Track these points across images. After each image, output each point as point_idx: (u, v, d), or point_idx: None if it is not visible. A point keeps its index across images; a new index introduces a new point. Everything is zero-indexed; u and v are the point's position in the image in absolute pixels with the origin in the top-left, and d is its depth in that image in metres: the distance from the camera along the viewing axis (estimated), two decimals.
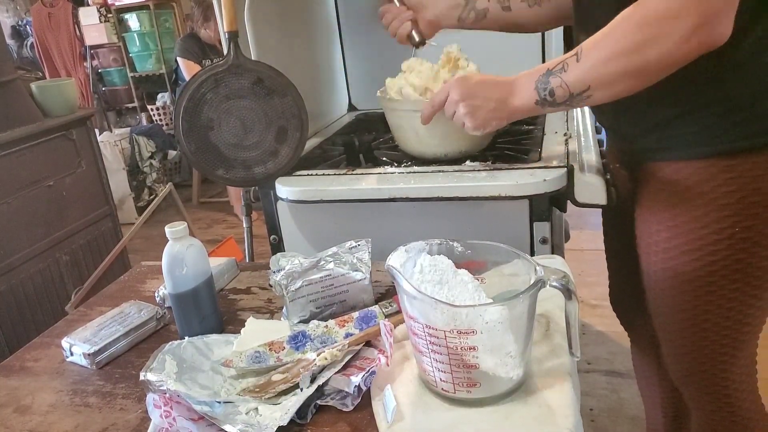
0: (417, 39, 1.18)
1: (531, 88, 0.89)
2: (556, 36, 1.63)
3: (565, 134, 1.33)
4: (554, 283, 0.68)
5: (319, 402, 0.77)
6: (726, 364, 0.93)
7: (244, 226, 1.56)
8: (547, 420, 0.67)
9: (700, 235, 0.85)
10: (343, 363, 0.80)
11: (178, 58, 3.67)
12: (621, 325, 1.29)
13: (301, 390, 0.77)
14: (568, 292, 0.70)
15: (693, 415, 1.04)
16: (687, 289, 0.89)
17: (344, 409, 0.75)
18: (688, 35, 0.72)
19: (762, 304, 0.89)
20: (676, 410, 1.22)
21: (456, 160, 1.22)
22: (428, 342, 0.69)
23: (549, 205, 1.15)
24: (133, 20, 4.94)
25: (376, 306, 0.94)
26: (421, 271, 0.74)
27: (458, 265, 0.76)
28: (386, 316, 0.92)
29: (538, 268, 0.69)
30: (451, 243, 0.78)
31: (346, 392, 0.76)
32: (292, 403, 0.74)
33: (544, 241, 1.17)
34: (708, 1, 0.70)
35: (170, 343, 0.87)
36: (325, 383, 0.78)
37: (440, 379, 0.71)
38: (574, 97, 0.84)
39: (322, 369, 0.80)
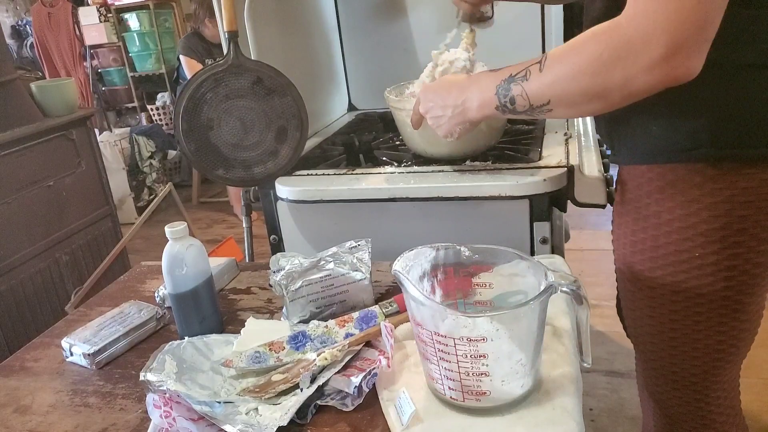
0: (464, 19, 1.14)
1: (491, 93, 0.86)
2: (556, 33, 1.63)
3: (565, 134, 1.33)
4: (565, 289, 0.67)
5: (319, 402, 0.76)
6: (705, 388, 0.89)
7: (244, 226, 1.56)
8: (553, 425, 0.67)
9: (665, 261, 0.83)
10: (343, 363, 0.80)
11: (181, 56, 3.67)
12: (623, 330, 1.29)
13: (301, 390, 0.77)
14: (579, 298, 0.68)
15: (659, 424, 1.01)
16: (654, 302, 0.87)
17: (344, 409, 0.75)
18: (653, 65, 0.67)
19: (745, 332, 0.85)
20: (665, 424, 1.20)
21: (458, 160, 1.22)
22: (436, 350, 0.68)
23: (549, 205, 1.15)
24: (133, 20, 4.94)
25: (376, 306, 0.94)
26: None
27: (465, 269, 0.76)
28: (386, 317, 0.91)
29: (548, 273, 0.67)
30: (458, 247, 0.76)
31: (346, 392, 0.76)
32: (292, 404, 0.74)
33: (544, 241, 1.17)
34: (679, 33, 0.65)
35: (170, 343, 0.87)
36: (325, 383, 0.78)
37: (449, 387, 0.70)
38: (534, 109, 0.81)
39: (322, 369, 0.80)
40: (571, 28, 1.28)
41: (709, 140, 0.76)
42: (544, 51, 1.66)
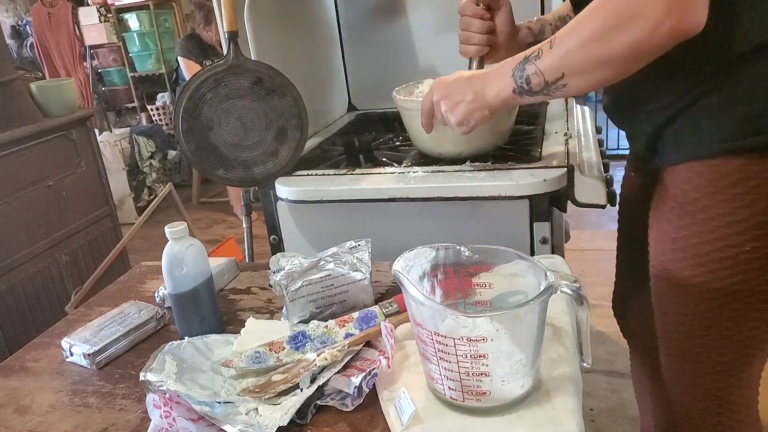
0: (478, 66, 1.15)
1: (508, 76, 0.87)
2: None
3: (565, 134, 1.33)
4: (565, 289, 0.67)
5: (319, 402, 0.76)
6: (724, 383, 0.89)
7: (244, 226, 1.56)
8: (553, 425, 0.67)
9: (709, 257, 0.82)
10: (343, 363, 0.80)
11: (179, 58, 3.68)
12: (620, 330, 1.29)
13: (301, 390, 0.77)
14: (579, 298, 0.68)
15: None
16: (693, 308, 0.86)
17: (344, 410, 0.75)
18: (659, 21, 0.69)
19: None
20: (668, 423, 1.20)
21: (459, 160, 1.22)
22: (436, 350, 0.68)
23: (549, 205, 1.15)
24: (132, 20, 4.94)
25: (376, 306, 0.94)
26: None
27: (465, 270, 0.75)
28: (386, 317, 0.91)
29: (548, 273, 0.67)
30: (458, 248, 0.76)
31: (346, 392, 0.76)
32: (292, 404, 0.74)
33: (544, 241, 1.17)
34: None
35: (170, 343, 0.87)
36: (325, 383, 0.78)
37: (449, 387, 0.70)
38: (550, 86, 0.82)
39: (322, 369, 0.80)
40: None
41: (762, 126, 0.75)
42: None
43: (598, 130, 1.54)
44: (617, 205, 1.15)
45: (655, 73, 0.79)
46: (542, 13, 1.65)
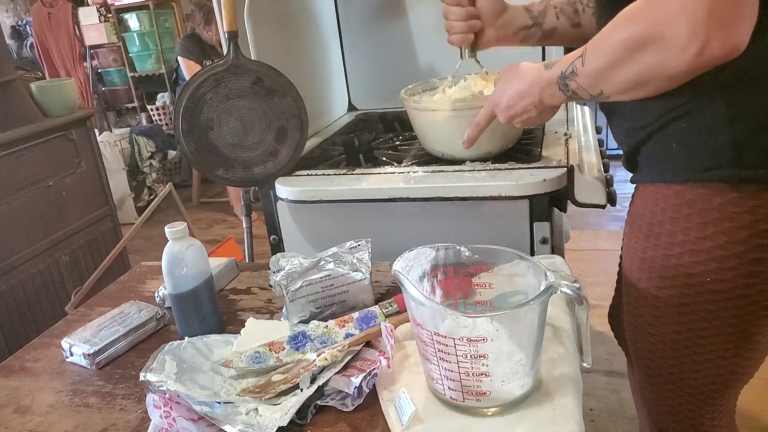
0: (470, 55, 1.13)
1: (557, 90, 0.84)
2: None
3: (565, 134, 1.33)
4: (565, 289, 0.66)
5: (319, 402, 0.76)
6: (696, 400, 0.87)
7: (244, 226, 1.56)
8: (553, 425, 0.67)
9: (675, 281, 0.80)
10: (343, 363, 0.80)
11: (179, 58, 3.69)
12: (614, 338, 1.28)
13: (301, 390, 0.77)
14: (579, 298, 0.68)
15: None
16: (658, 319, 0.85)
17: (344, 410, 0.75)
18: (683, 45, 0.62)
19: (750, 362, 0.83)
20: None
21: (460, 160, 1.22)
22: (436, 350, 0.68)
23: (549, 205, 1.15)
24: (132, 20, 4.94)
25: (376, 306, 0.94)
26: None
27: (465, 270, 0.75)
28: (386, 317, 0.91)
29: (548, 273, 0.67)
30: (458, 248, 0.75)
31: (346, 393, 0.76)
32: (292, 404, 0.74)
33: (544, 241, 1.17)
34: (706, 6, 0.60)
35: (170, 343, 0.87)
36: (325, 384, 0.78)
37: (449, 387, 0.70)
38: (597, 97, 0.78)
39: (322, 369, 0.80)
40: None
41: (731, 160, 0.73)
42: (544, 55, 1.66)
43: (598, 130, 1.54)
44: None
45: None
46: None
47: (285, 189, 1.23)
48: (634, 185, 0.88)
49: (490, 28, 1.08)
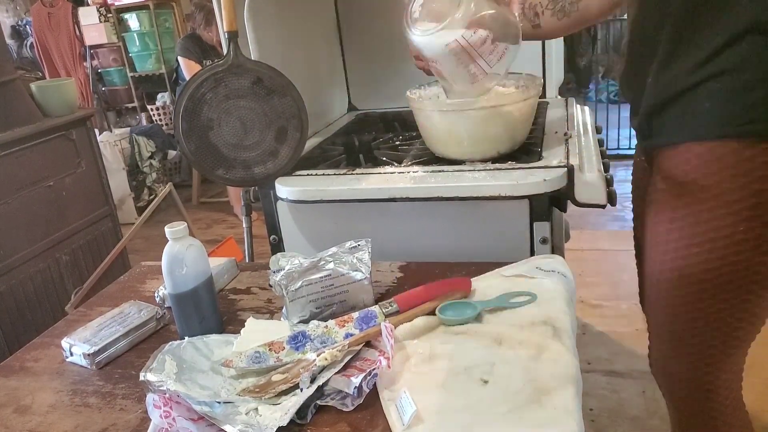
0: None
1: None
2: (555, 43, 1.63)
3: (565, 134, 1.33)
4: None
5: (319, 402, 0.76)
6: (712, 367, 0.91)
7: (244, 226, 1.56)
8: (552, 424, 0.67)
9: (704, 237, 0.83)
10: (343, 363, 0.80)
11: (179, 57, 3.69)
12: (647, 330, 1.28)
13: (301, 390, 0.77)
14: None
15: (671, 416, 1.02)
16: (686, 289, 0.88)
17: (344, 410, 0.75)
18: None
19: (757, 316, 0.87)
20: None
21: (460, 160, 1.22)
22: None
23: (549, 205, 1.15)
24: (132, 20, 4.94)
25: (376, 306, 0.94)
26: None
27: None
28: (386, 317, 0.91)
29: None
30: None
31: (346, 392, 0.76)
32: (292, 404, 0.74)
33: (544, 241, 1.17)
34: None
35: (170, 343, 0.87)
36: (325, 383, 0.78)
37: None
38: None
39: (322, 369, 0.80)
40: (570, 36, 1.29)
41: (760, 115, 0.76)
42: (544, 47, 1.66)
43: (598, 130, 1.54)
44: (631, 199, 1.15)
45: (670, 37, 0.80)
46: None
47: (285, 189, 1.23)
48: (656, 149, 0.90)
49: None
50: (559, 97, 1.74)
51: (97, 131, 3.47)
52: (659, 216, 0.90)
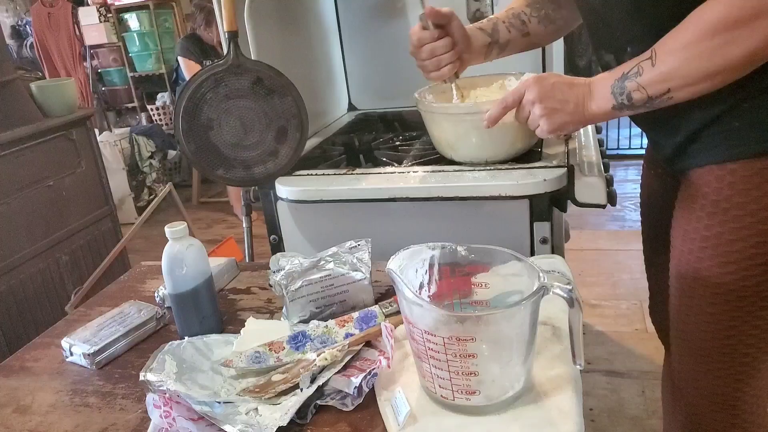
0: (452, 81, 1.15)
1: (607, 93, 0.85)
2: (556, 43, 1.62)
3: (565, 134, 1.33)
4: (557, 291, 0.66)
5: (319, 402, 0.76)
6: (741, 383, 0.89)
7: (244, 226, 1.56)
8: (551, 425, 0.67)
9: (743, 254, 0.81)
10: (343, 363, 0.80)
11: (179, 58, 3.69)
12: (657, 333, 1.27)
13: (301, 390, 0.77)
14: (571, 301, 0.68)
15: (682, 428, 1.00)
16: (722, 307, 0.86)
17: (344, 409, 0.75)
18: None
19: None
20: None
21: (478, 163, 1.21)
22: (427, 348, 0.68)
23: (549, 205, 1.15)
24: (132, 20, 4.94)
25: (376, 306, 0.94)
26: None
27: (461, 269, 0.75)
28: (386, 317, 0.91)
29: (541, 274, 0.67)
30: (454, 247, 0.76)
31: (346, 392, 0.76)
32: (292, 404, 0.74)
33: (544, 241, 1.17)
34: None
35: (170, 343, 0.87)
36: (325, 383, 0.78)
37: (439, 385, 0.70)
38: (654, 100, 0.80)
39: (322, 369, 0.80)
40: (570, 36, 1.29)
41: None
42: (544, 58, 1.66)
43: (598, 130, 1.54)
44: (640, 209, 1.14)
45: None
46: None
47: (285, 189, 1.23)
48: (682, 169, 0.89)
49: (464, 52, 1.10)
50: None
51: (97, 131, 3.47)
52: (691, 233, 0.88)
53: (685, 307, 0.92)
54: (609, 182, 1.14)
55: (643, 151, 1.13)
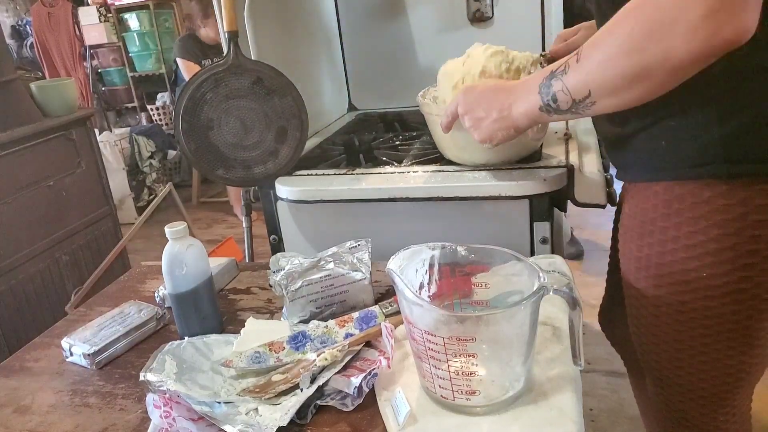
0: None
1: (535, 93, 0.79)
2: (556, 27, 1.61)
3: (565, 134, 1.33)
4: (558, 291, 0.66)
5: (319, 402, 0.76)
6: (709, 410, 0.86)
7: (244, 226, 1.56)
8: (551, 425, 0.67)
9: (664, 272, 0.79)
10: (343, 363, 0.80)
11: (178, 59, 3.68)
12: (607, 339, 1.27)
13: (301, 390, 0.77)
14: (572, 301, 0.68)
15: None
16: (661, 323, 0.83)
17: (344, 410, 0.75)
18: (693, 29, 0.59)
19: (757, 358, 0.81)
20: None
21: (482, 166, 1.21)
22: (426, 348, 0.68)
23: (549, 205, 1.15)
24: (132, 20, 4.94)
25: (376, 306, 0.94)
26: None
27: (461, 269, 0.75)
28: (386, 317, 0.91)
29: (541, 274, 0.67)
30: (454, 247, 0.75)
31: (346, 393, 0.76)
32: (292, 404, 0.74)
33: (544, 241, 1.17)
34: None
35: (170, 343, 0.87)
36: (325, 383, 0.78)
37: (439, 385, 0.70)
38: (578, 104, 0.74)
39: (322, 369, 0.80)
40: (572, 23, 1.28)
41: (721, 155, 0.72)
42: (544, 47, 1.66)
43: None
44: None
45: None
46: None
47: (285, 189, 1.23)
48: (622, 184, 0.88)
49: None
50: None
51: (97, 131, 3.47)
52: (627, 252, 0.86)
53: (636, 327, 0.90)
54: (609, 182, 1.14)
55: None
